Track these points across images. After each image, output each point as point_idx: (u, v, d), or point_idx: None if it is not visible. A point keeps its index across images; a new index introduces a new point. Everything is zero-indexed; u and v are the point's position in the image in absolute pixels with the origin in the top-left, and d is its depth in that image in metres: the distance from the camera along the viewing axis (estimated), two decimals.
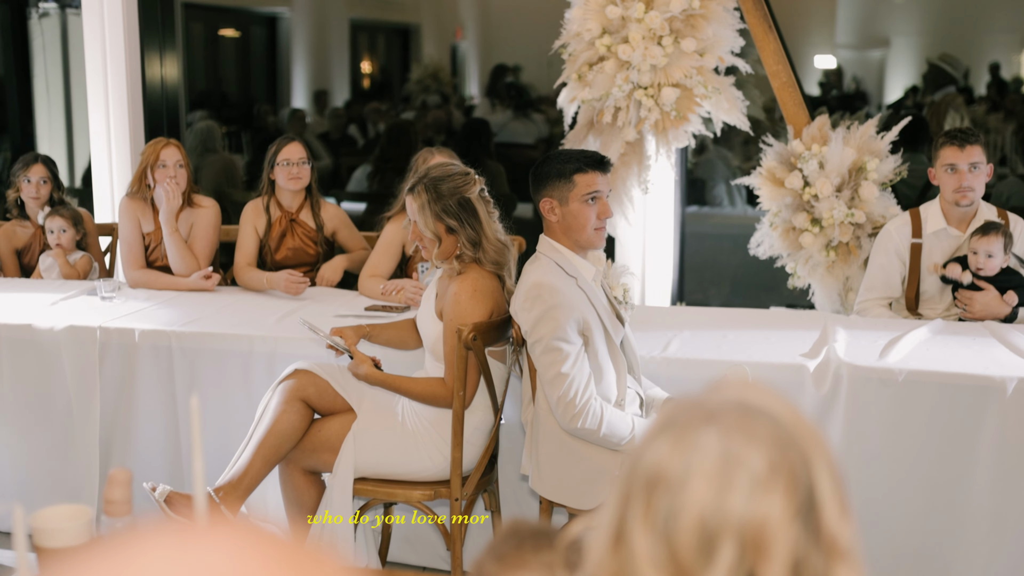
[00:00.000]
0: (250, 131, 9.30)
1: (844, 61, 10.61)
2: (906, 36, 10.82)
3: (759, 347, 3.56)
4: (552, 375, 2.95)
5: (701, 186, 7.08)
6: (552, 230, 3.13)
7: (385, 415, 3.24)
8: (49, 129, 7.69)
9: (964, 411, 3.22)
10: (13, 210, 4.82)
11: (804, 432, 1.13)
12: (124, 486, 1.99)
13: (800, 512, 1.09)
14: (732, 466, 1.09)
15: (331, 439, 3.22)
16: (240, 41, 11.07)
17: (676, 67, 4.30)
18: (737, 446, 1.09)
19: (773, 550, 1.07)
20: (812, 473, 1.11)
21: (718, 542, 1.07)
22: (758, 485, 1.08)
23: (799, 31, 10.44)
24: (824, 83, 10.16)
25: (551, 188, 3.09)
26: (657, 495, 1.09)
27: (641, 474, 1.11)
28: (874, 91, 10.63)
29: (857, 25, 11.25)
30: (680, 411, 1.14)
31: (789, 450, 1.11)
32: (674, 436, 1.12)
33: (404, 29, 12.92)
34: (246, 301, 4.19)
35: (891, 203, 4.33)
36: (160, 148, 4.47)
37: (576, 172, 3.07)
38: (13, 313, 3.94)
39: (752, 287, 6.29)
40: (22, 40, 7.63)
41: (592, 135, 4.53)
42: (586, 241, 3.10)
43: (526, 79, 9.86)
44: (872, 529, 3.33)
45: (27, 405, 3.82)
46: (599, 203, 3.09)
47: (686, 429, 1.12)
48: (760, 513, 1.08)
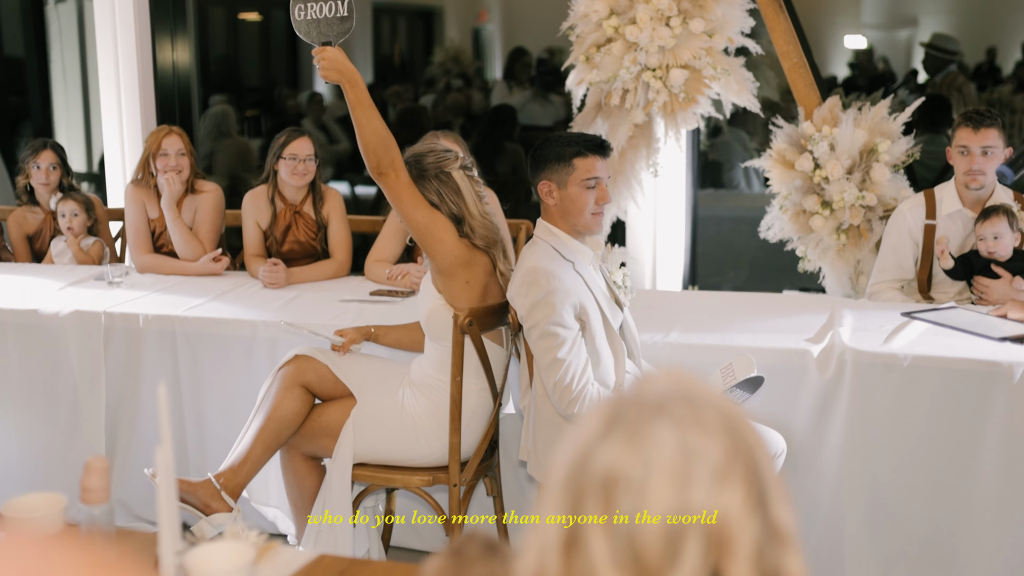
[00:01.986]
0: (270, 115, 9.31)
1: (871, 41, 10.47)
2: (934, 15, 10.67)
3: (764, 332, 3.51)
4: (549, 360, 2.93)
5: (718, 168, 7.02)
6: (550, 214, 3.10)
7: (385, 401, 3.22)
8: (66, 114, 7.73)
9: (971, 397, 3.17)
10: (23, 196, 4.85)
11: (744, 422, 1.10)
12: (101, 474, 1.98)
13: (757, 503, 1.07)
14: (691, 459, 1.06)
15: (331, 424, 3.21)
16: (261, 25, 11.08)
17: (684, 48, 4.25)
18: (693, 439, 1.07)
19: (737, 543, 1.05)
20: (759, 463, 1.09)
21: (683, 539, 1.05)
22: (718, 477, 1.06)
23: (823, 11, 10.32)
24: (854, 63, 10.02)
25: (550, 171, 3.06)
26: (616, 495, 1.06)
27: (594, 475, 1.08)
28: (901, 72, 10.49)
29: (884, 4, 11.10)
30: (624, 407, 1.11)
31: (739, 441, 1.08)
32: (626, 433, 1.08)
33: (427, 12, 12.89)
34: (249, 287, 4.19)
35: (903, 185, 4.26)
36: (162, 136, 4.48)
37: (576, 156, 3.04)
38: (20, 298, 3.96)
39: (770, 269, 6.23)
40: (40, 26, 7.67)
41: (600, 118, 4.49)
42: (583, 226, 3.07)
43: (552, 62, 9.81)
44: (877, 516, 3.29)
45: (33, 389, 3.85)
46: (598, 188, 3.06)
47: (637, 424, 1.09)
48: (723, 506, 1.05)
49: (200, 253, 4.44)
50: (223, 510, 3.09)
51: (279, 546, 1.95)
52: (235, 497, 3.13)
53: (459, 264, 3.11)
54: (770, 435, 3.19)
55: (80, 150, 7.78)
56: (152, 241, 4.56)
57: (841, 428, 3.27)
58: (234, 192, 6.32)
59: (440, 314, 3.14)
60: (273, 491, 3.44)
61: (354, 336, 3.35)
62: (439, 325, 3.15)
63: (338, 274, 4.35)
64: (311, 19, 3.10)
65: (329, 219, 4.41)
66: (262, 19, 10.96)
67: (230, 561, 1.62)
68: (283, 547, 1.96)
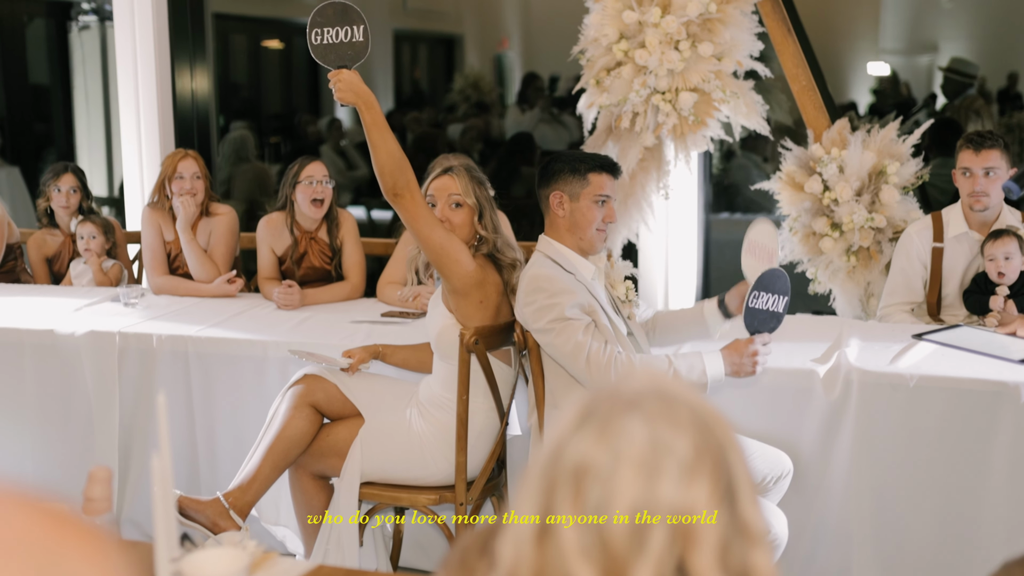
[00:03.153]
0: (291, 141, 9.41)
1: (891, 67, 10.47)
2: (954, 41, 10.66)
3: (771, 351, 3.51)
4: (570, 348, 2.93)
5: (734, 192, 7.03)
6: (555, 228, 3.13)
7: (392, 420, 3.25)
8: (88, 140, 7.84)
9: (977, 417, 3.17)
10: (43, 219, 4.93)
11: (717, 420, 1.13)
12: (104, 483, 2.01)
13: (724, 498, 1.09)
14: (660, 453, 1.09)
15: (339, 444, 3.24)
16: (282, 52, 11.20)
17: (693, 71, 4.28)
18: (663, 433, 1.09)
19: (702, 536, 1.07)
20: (729, 460, 1.11)
21: (649, 530, 1.07)
22: (686, 471, 1.08)
23: (841, 37, 10.34)
24: (877, 90, 10.02)
25: (563, 183, 3.10)
26: (586, 485, 1.09)
27: (566, 465, 1.11)
28: (923, 97, 10.47)
29: (903, 30, 11.10)
30: (599, 401, 1.14)
31: (709, 437, 1.11)
32: (598, 426, 1.11)
33: (448, 39, 13.00)
34: (262, 308, 4.23)
35: (913, 207, 4.27)
36: (177, 160, 4.55)
37: (591, 171, 3.09)
38: (37, 318, 4.02)
39: None
40: (64, 54, 7.80)
41: (611, 140, 4.52)
42: (588, 242, 3.10)
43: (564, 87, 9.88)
44: (885, 536, 3.28)
45: (49, 408, 3.90)
46: (607, 207, 3.11)
47: (610, 418, 1.11)
48: (689, 499, 1.08)
49: (215, 275, 4.50)
50: (232, 528, 3.12)
51: (276, 556, 1.98)
52: (243, 516, 3.16)
53: (473, 284, 3.15)
54: (776, 455, 3.19)
55: (102, 175, 7.89)
56: (168, 263, 4.62)
57: (848, 448, 3.27)
58: (252, 216, 6.40)
59: (450, 333, 3.17)
60: (283, 510, 3.47)
61: (362, 356, 3.38)
62: (449, 344, 3.18)
63: (352, 296, 4.40)
64: (328, 44, 3.14)
65: (343, 242, 4.46)
66: (283, 47, 11.08)
67: (224, 567, 1.65)
68: (280, 557, 1.99)
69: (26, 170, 8.01)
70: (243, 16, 10.34)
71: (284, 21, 11.18)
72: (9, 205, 5.25)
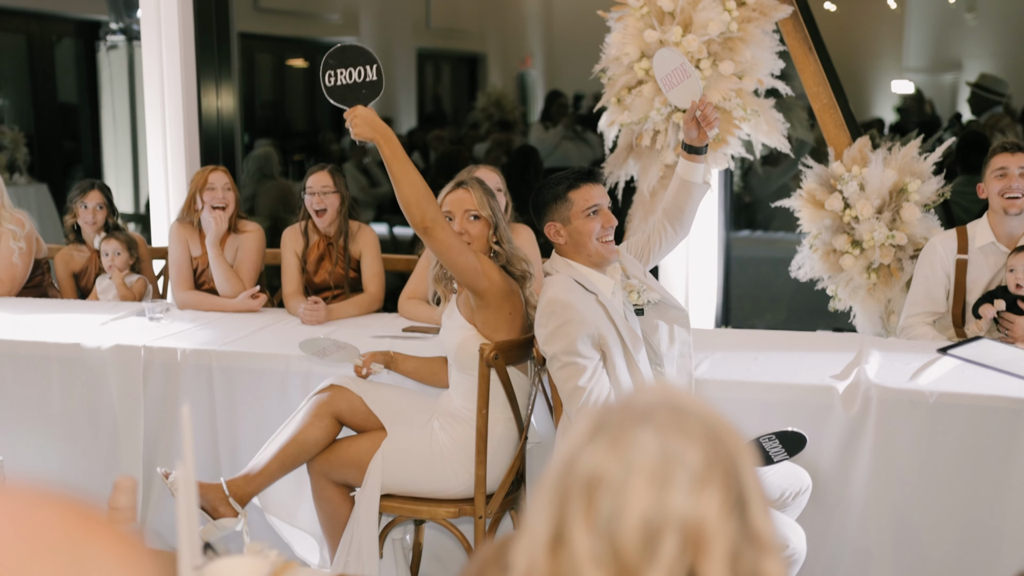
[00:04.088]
0: (315, 159, 9.49)
1: (916, 85, 10.46)
2: (979, 59, 10.64)
3: (790, 368, 3.53)
4: (570, 389, 2.98)
5: (755, 209, 7.04)
6: (563, 251, 3.17)
7: (415, 434, 3.27)
8: (115, 157, 7.94)
9: (998, 434, 3.16)
10: (70, 235, 5.00)
11: (728, 431, 1.15)
12: (129, 493, 2.05)
13: (734, 508, 1.11)
14: (671, 464, 1.11)
15: (360, 455, 3.27)
16: (307, 71, 11.30)
17: (714, 90, 4.30)
18: (674, 444, 1.12)
19: (712, 545, 1.09)
20: (740, 470, 1.13)
21: (660, 539, 1.09)
22: (696, 481, 1.10)
23: (865, 56, 10.33)
24: (901, 108, 10.00)
25: (551, 212, 3.14)
26: (598, 496, 1.12)
27: (579, 476, 1.13)
28: (947, 115, 10.45)
29: (928, 48, 11.09)
30: (611, 414, 1.17)
31: (720, 448, 1.13)
32: (610, 438, 1.14)
33: (471, 58, 13.07)
34: (286, 323, 4.28)
35: (934, 224, 4.27)
36: (208, 172, 4.65)
37: (569, 190, 3.12)
38: (64, 332, 4.07)
39: (807, 313, 6.22)
40: (92, 72, 7.90)
41: (632, 158, 4.55)
42: (596, 253, 3.12)
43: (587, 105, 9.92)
44: (903, 554, 3.27)
45: (75, 420, 3.95)
46: (601, 214, 3.12)
47: (621, 430, 1.14)
48: (700, 509, 1.10)
49: (240, 291, 4.55)
50: (230, 515, 3.18)
51: (297, 565, 2.00)
52: (243, 504, 3.22)
53: (504, 296, 3.19)
54: (795, 470, 3.20)
55: (128, 192, 7.99)
56: (194, 278, 4.68)
57: (867, 464, 3.27)
58: (275, 232, 6.45)
59: (471, 344, 3.19)
60: (302, 513, 3.47)
61: (374, 356, 3.42)
62: (469, 356, 3.20)
63: (371, 307, 4.45)
64: (342, 85, 3.14)
65: (362, 254, 4.52)
66: (307, 65, 11.18)
67: (244, 573, 1.67)
68: (300, 567, 2.01)
69: (54, 187, 8.12)
70: (268, 35, 10.44)
71: (309, 40, 11.28)
72: (37, 221, 5.33)
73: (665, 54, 3.37)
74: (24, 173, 7.95)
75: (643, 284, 3.30)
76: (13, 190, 6.80)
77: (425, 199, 3.02)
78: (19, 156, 7.90)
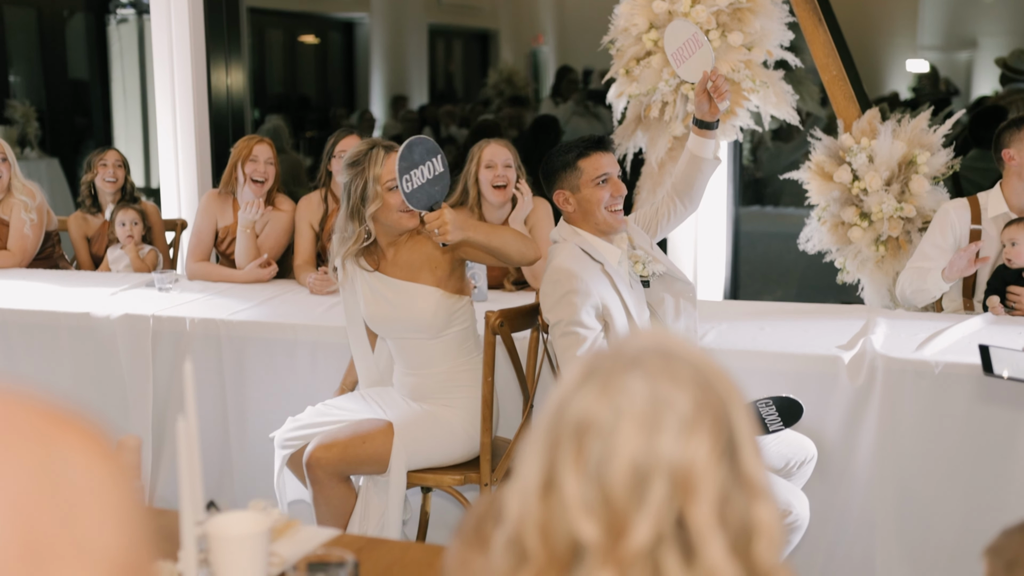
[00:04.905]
0: (327, 134, 9.50)
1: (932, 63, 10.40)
2: (995, 37, 10.56)
3: (796, 338, 3.53)
4: (568, 358, 2.99)
5: (766, 185, 7.02)
6: (571, 219, 3.17)
7: (415, 412, 3.23)
8: (126, 131, 7.96)
9: (1003, 404, 3.16)
10: (87, 200, 5.03)
11: (720, 376, 1.15)
12: (133, 452, 2.07)
13: (724, 453, 1.12)
14: (660, 409, 1.11)
15: (379, 452, 3.16)
16: (319, 47, 11.30)
17: (723, 61, 4.29)
18: (663, 389, 1.12)
19: (701, 489, 1.10)
20: (731, 416, 1.14)
21: (649, 484, 1.10)
22: (685, 427, 1.11)
23: (879, 34, 10.27)
24: (916, 87, 9.95)
25: (561, 180, 3.15)
26: (588, 441, 1.12)
27: (569, 422, 1.14)
28: (963, 93, 10.39)
29: (942, 27, 11.02)
30: (602, 360, 1.17)
31: (710, 394, 1.13)
32: (600, 383, 1.14)
33: (483, 35, 13.05)
34: (294, 293, 4.29)
35: (943, 197, 4.25)
36: (253, 144, 4.63)
37: (579, 158, 3.12)
38: (74, 302, 4.10)
39: (818, 288, 6.21)
40: (103, 48, 7.91)
41: (640, 130, 4.54)
42: (602, 222, 3.12)
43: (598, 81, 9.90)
44: (908, 524, 3.28)
45: (84, 389, 3.98)
46: (611, 183, 3.12)
47: (611, 376, 1.14)
48: (688, 453, 1.10)
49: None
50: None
51: (299, 523, 2.02)
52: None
53: None
54: (800, 440, 3.20)
55: (139, 167, 8.01)
56: (216, 248, 4.73)
57: (872, 435, 3.27)
58: None
59: (444, 304, 3.17)
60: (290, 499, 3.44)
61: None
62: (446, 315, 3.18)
63: None
64: (419, 187, 3.01)
65: None
66: (319, 41, 11.17)
67: (247, 528, 1.69)
68: (303, 525, 2.03)
69: (65, 161, 8.15)
70: (279, 10, 10.44)
71: (319, 16, 11.27)
72: (49, 195, 5.36)
73: (677, 25, 3.35)
74: (35, 148, 7.98)
75: (649, 255, 3.29)
76: (24, 164, 6.83)
77: (523, 244, 3.10)
78: (30, 131, 7.94)
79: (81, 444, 0.78)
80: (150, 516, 2.01)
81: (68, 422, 0.79)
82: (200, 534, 1.74)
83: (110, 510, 0.78)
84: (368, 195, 3.17)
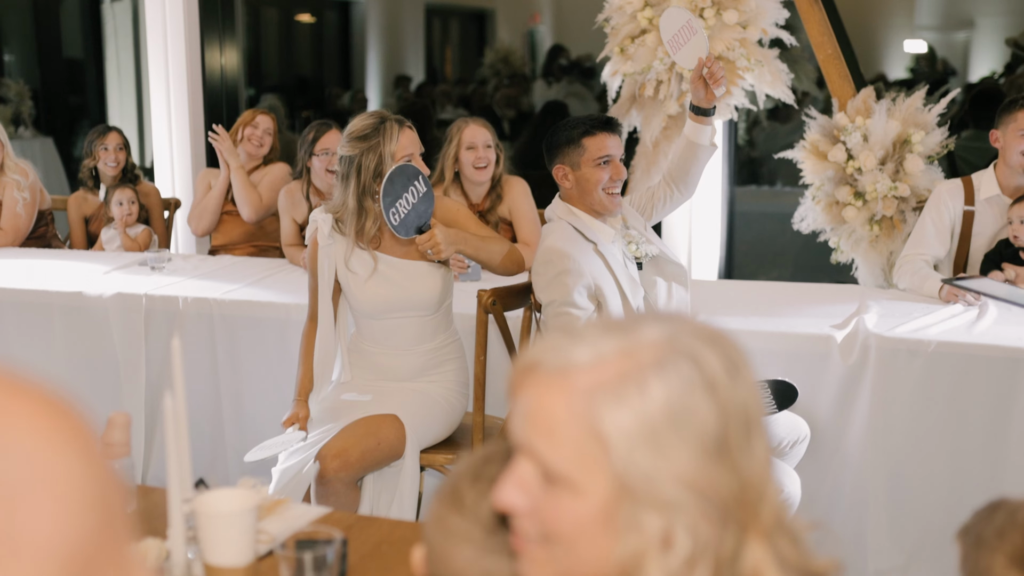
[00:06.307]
0: (321, 113, 9.48)
1: (929, 43, 10.37)
2: (992, 17, 10.53)
3: (789, 318, 3.53)
4: None
5: (761, 165, 7.01)
6: (568, 196, 3.15)
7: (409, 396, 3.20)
8: (120, 111, 7.93)
9: (995, 383, 3.16)
10: (88, 182, 5.04)
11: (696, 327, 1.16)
12: (123, 428, 2.07)
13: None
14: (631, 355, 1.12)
15: (393, 444, 3.07)
16: (315, 26, 11.25)
17: (718, 39, 4.27)
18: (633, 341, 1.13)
19: None
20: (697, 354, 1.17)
21: None
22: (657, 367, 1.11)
23: (875, 14, 10.24)
24: (914, 68, 9.92)
25: (562, 155, 3.12)
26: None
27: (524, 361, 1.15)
28: (960, 73, 10.35)
29: (940, 6, 10.98)
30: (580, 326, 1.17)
31: (678, 341, 1.15)
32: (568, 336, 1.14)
33: (479, 14, 13.00)
34: (287, 272, 4.29)
35: (938, 176, 4.24)
36: (258, 113, 4.91)
37: (584, 135, 3.09)
38: (67, 280, 4.09)
39: (813, 269, 6.21)
40: (97, 26, 7.88)
41: (635, 109, 4.53)
42: (599, 203, 3.11)
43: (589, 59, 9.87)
44: (900, 502, 3.29)
45: (77, 368, 3.98)
46: (612, 165, 3.10)
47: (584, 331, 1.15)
48: None
49: (256, 201, 4.77)
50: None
51: (289, 501, 2.02)
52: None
53: None
54: (793, 419, 3.20)
55: (134, 147, 7.97)
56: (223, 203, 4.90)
57: (865, 414, 3.27)
58: None
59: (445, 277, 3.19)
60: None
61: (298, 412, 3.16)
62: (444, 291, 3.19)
63: None
64: (405, 216, 2.98)
65: None
66: (315, 20, 11.13)
67: (235, 505, 1.69)
68: (293, 503, 2.03)
69: (59, 141, 8.13)
70: None
71: None
72: (43, 174, 5.36)
73: (672, 12, 3.34)
74: (29, 127, 7.95)
75: (642, 236, 3.28)
76: (19, 143, 6.82)
77: (509, 258, 3.17)
78: (24, 110, 7.91)
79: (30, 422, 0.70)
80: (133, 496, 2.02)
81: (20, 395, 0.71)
82: (188, 511, 1.74)
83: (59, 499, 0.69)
84: (384, 172, 3.04)
